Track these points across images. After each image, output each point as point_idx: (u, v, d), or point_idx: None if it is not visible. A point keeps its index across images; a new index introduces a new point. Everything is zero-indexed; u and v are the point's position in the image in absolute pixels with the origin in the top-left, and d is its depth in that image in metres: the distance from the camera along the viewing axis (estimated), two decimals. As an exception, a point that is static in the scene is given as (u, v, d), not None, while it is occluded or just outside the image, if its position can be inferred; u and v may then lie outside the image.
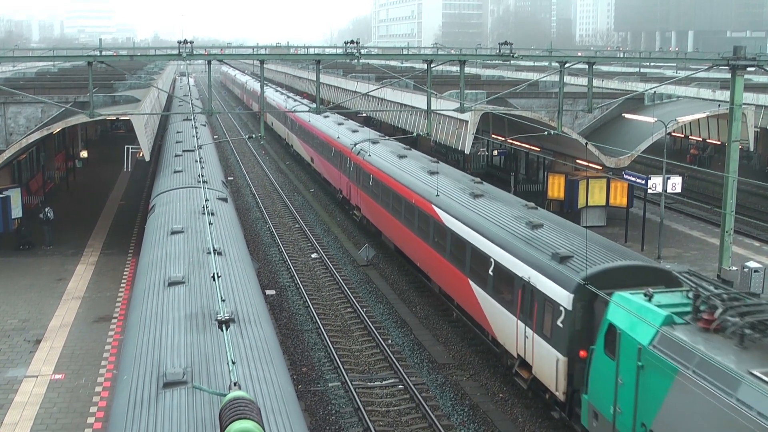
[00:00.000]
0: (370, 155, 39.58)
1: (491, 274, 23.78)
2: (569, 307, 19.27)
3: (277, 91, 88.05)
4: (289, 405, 12.16)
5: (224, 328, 12.06)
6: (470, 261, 25.52)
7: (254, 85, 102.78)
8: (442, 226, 28.17)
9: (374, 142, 42.14)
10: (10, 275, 32.88)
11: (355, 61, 32.95)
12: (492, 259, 23.70)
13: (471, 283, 25.45)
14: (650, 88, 45.93)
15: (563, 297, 19.54)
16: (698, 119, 44.65)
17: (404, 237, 33.45)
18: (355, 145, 42.66)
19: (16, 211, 37.48)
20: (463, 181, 31.68)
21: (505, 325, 22.87)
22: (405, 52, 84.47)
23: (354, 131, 47.91)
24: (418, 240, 31.08)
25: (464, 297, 26.45)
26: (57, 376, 23.01)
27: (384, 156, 38.45)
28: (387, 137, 45.67)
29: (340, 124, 51.54)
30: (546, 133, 33.42)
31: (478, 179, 32.05)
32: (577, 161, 41.00)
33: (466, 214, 26.67)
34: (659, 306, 16.42)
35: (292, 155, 70.36)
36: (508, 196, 29.24)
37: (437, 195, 29.65)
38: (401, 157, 37.33)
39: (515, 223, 24.38)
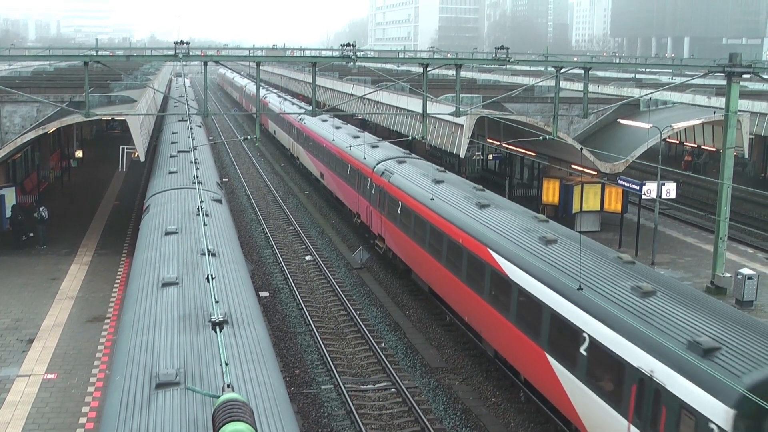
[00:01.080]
0: (397, 177, 33.98)
1: (584, 353, 18.02)
2: (726, 427, 13.61)
3: (279, 96, 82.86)
4: (282, 407, 12.16)
5: (218, 330, 12.04)
6: (549, 331, 19.75)
7: (254, 88, 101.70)
8: (505, 279, 22.24)
9: (400, 161, 36.38)
10: (3, 274, 32.82)
11: (351, 63, 32.97)
12: (586, 335, 17.92)
13: (550, 359, 19.66)
14: (646, 94, 46.05)
15: (717, 411, 13.83)
16: (693, 126, 44.73)
17: (446, 283, 27.28)
18: (378, 163, 37.03)
19: (10, 211, 37.47)
20: (524, 218, 25.46)
21: (609, 426, 17.21)
22: (401, 55, 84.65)
23: (374, 147, 41.42)
24: (468, 290, 25.12)
25: (538, 373, 20.53)
26: (49, 376, 22.96)
27: (415, 179, 32.60)
28: (414, 155, 39.85)
29: (355, 137, 46.02)
30: (541, 137, 33.48)
31: (543, 216, 25.83)
32: (572, 166, 41.07)
33: (541, 268, 20.72)
34: None
35: (298, 168, 64.21)
36: (592, 243, 22.73)
37: (495, 236, 23.89)
38: (437, 182, 31.35)
39: (617, 286, 18.44)
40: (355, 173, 40.65)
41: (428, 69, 32.89)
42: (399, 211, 32.57)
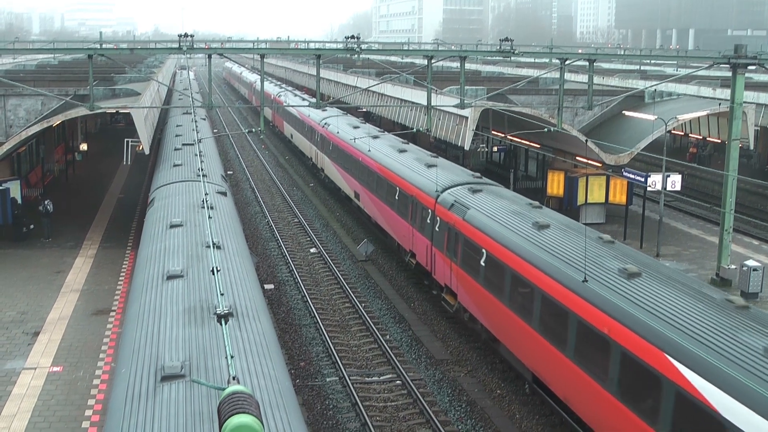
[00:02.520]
0: (475, 214, 25.53)
1: None
2: None
3: (296, 95, 71.85)
4: (287, 399, 12.17)
5: (223, 322, 12.06)
6: None
7: (267, 85, 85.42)
8: (712, 416, 13.78)
9: (474, 190, 27.70)
10: (8, 267, 32.88)
11: (356, 56, 32.91)
12: None
13: None
14: (650, 86, 45.93)
15: None
16: (698, 117, 44.67)
17: (578, 386, 18.50)
18: (444, 191, 28.72)
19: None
20: (710, 302, 16.44)
21: None
22: (405, 47, 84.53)
23: (430, 165, 32.84)
24: (624, 411, 16.40)
25: None
26: (55, 369, 23.02)
27: (506, 220, 24.09)
28: (489, 180, 30.92)
29: (402, 150, 37.53)
30: (546, 129, 33.43)
31: (741, 300, 16.58)
32: (577, 158, 41.03)
33: None
34: None
35: (322, 182, 54.02)
36: None
37: (678, 336, 15.20)
38: (542, 226, 22.86)
39: None
40: (407, 200, 32.06)
41: (432, 61, 32.84)
42: (483, 263, 24.14)
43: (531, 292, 20.86)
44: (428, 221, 29.37)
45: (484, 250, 24.07)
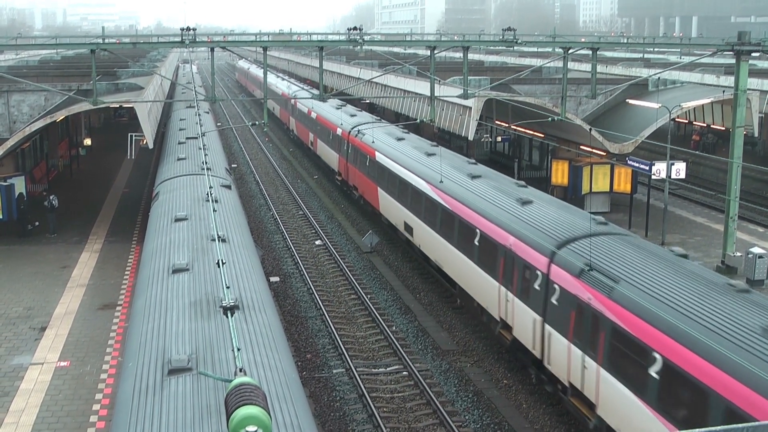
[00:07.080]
0: None
1: None
2: None
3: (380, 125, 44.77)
4: (294, 391, 12.19)
5: (229, 315, 12.07)
6: None
7: (293, 93, 66.03)
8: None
9: None
10: (14, 263, 32.95)
11: (358, 47, 32.85)
12: None
13: None
14: (654, 74, 45.80)
15: None
16: (702, 105, 44.53)
17: None
18: None
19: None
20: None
21: None
22: (408, 38, 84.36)
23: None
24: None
25: None
26: (62, 364, 23.08)
27: None
28: None
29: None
30: (550, 119, 33.37)
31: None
32: (581, 147, 40.96)
33: None
34: None
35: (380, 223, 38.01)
36: None
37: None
38: None
39: None
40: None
41: (435, 51, 32.77)
42: None
43: None
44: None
45: None
